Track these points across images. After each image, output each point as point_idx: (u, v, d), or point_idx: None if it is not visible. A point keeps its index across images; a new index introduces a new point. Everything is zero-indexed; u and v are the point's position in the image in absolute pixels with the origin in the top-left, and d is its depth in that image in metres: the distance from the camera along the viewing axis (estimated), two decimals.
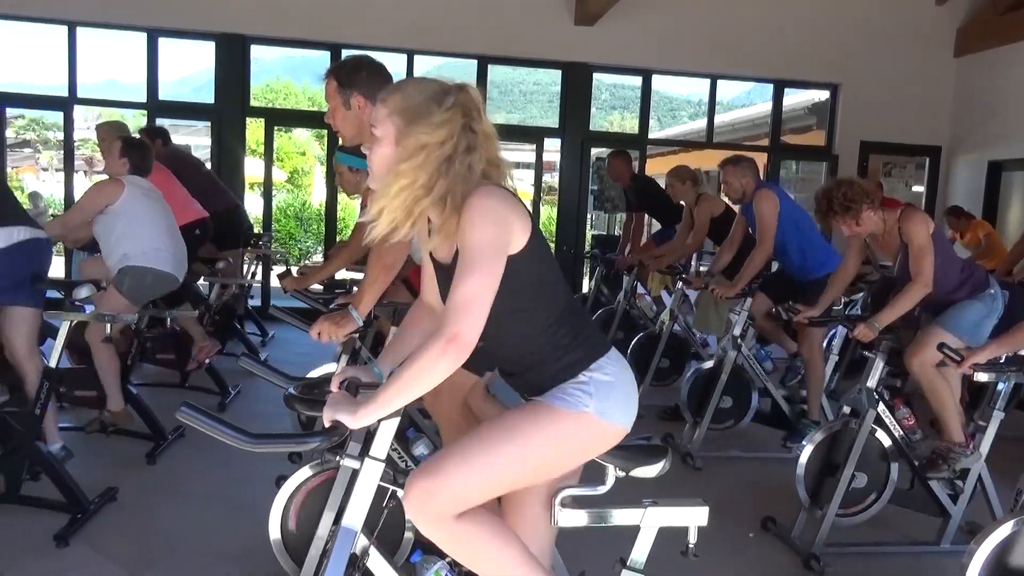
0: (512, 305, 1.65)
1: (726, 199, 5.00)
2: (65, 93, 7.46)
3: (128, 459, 3.73)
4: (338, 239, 8.73)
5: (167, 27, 7.41)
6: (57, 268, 5.52)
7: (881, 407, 3.16)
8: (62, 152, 7.96)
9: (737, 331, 4.27)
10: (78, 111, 8.41)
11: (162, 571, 2.76)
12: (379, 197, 1.60)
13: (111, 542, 2.93)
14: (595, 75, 8.26)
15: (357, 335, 2.95)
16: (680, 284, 5.03)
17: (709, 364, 4.45)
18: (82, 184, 8.76)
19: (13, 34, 7.52)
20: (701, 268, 6.77)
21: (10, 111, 8.84)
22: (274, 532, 2.41)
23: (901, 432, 3.22)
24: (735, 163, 4.52)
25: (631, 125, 8.82)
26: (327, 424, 1.55)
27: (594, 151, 8.71)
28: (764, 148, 8.65)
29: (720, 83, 8.54)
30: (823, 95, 8.69)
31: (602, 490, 1.82)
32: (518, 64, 8.51)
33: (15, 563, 2.70)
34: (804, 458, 3.25)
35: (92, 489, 3.18)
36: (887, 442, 3.23)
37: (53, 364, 3.22)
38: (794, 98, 9.08)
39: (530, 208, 1.71)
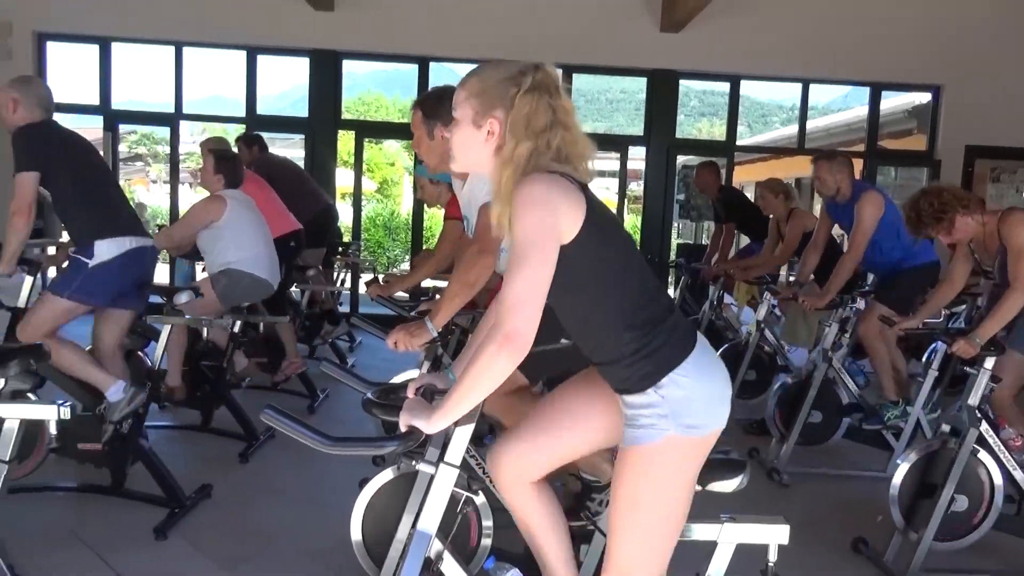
0: (571, 301, 1.65)
1: (818, 199, 4.86)
2: (172, 109, 7.91)
3: (222, 458, 3.89)
4: (424, 248, 8.90)
5: (265, 45, 7.76)
6: (161, 275, 5.82)
7: (984, 426, 2.98)
8: (169, 165, 8.43)
9: (827, 343, 4.11)
10: (184, 126, 8.91)
11: (252, 567, 2.86)
12: (500, 197, 1.60)
13: (205, 537, 3.06)
14: (682, 82, 8.15)
15: (439, 342, 3.01)
16: (767, 294, 4.89)
17: (798, 378, 4.31)
18: (187, 195, 9.27)
19: (126, 56, 7.95)
20: (790, 278, 6.57)
21: (123, 127, 9.44)
22: (355, 533, 2.47)
23: (1007, 453, 3.03)
24: (829, 159, 4.38)
25: (720, 132, 8.65)
26: (402, 429, 1.59)
27: (680, 159, 8.59)
28: (860, 153, 8.32)
29: (814, 87, 8.28)
30: (924, 97, 8.30)
31: None
32: (603, 72, 8.48)
33: (118, 552, 2.86)
34: (898, 478, 3.10)
35: (189, 485, 3.34)
36: (991, 464, 3.04)
37: (155, 365, 3.42)
38: (893, 101, 8.71)
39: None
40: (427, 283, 4.10)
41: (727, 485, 1.77)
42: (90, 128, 7.82)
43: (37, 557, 2.61)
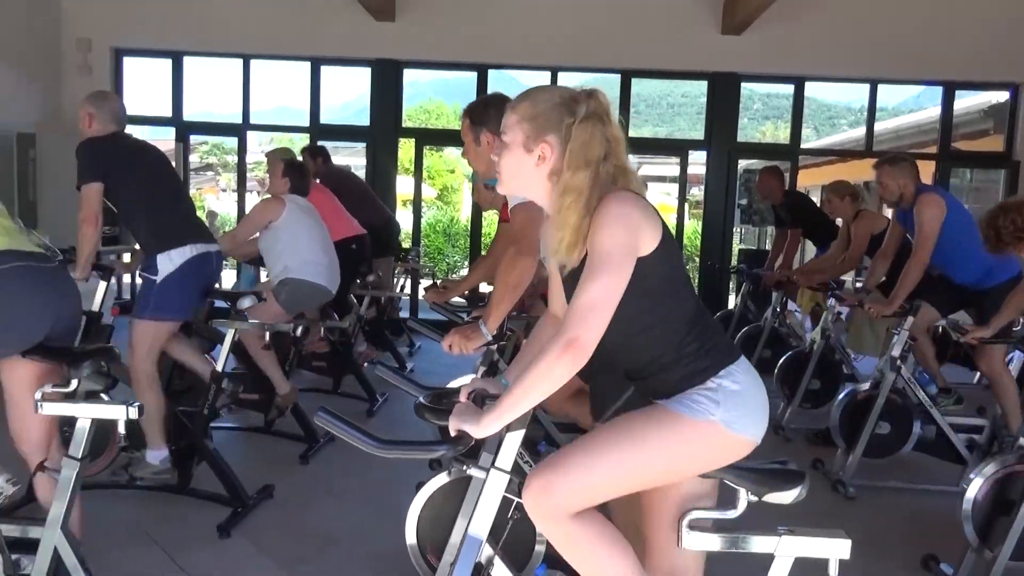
0: (640, 308, 1.65)
1: (885, 210, 4.69)
2: (239, 120, 8.16)
3: (284, 459, 3.98)
4: (482, 253, 8.95)
5: (328, 56, 7.94)
6: (226, 280, 5.99)
7: None
8: (237, 174, 8.69)
9: (896, 352, 3.97)
10: (251, 136, 9.18)
11: (311, 568, 2.92)
12: (559, 227, 1.63)
13: (267, 536, 3.13)
14: (745, 84, 8.01)
15: (495, 347, 3.01)
16: (832, 301, 4.75)
17: (864, 387, 4.17)
18: (253, 202, 9.52)
19: (197, 69, 8.23)
20: (857, 283, 6.38)
21: (195, 138, 9.79)
22: (410, 536, 2.50)
23: None
24: (892, 163, 4.22)
25: (785, 135, 8.46)
26: (453, 433, 1.59)
27: (742, 163, 8.43)
28: (932, 156, 8.03)
29: (883, 87, 8.03)
30: (1001, 96, 7.96)
31: (732, 514, 1.75)
32: (662, 76, 8.41)
33: (183, 549, 2.95)
34: (972, 492, 2.96)
35: (251, 486, 3.42)
36: None
37: (220, 368, 3.51)
38: (967, 101, 8.37)
39: (674, 222, 1.72)
40: (486, 288, 4.13)
41: (784, 496, 1.72)
42: (163, 140, 8.14)
43: (108, 552, 2.71)
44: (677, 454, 1.67)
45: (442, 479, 2.47)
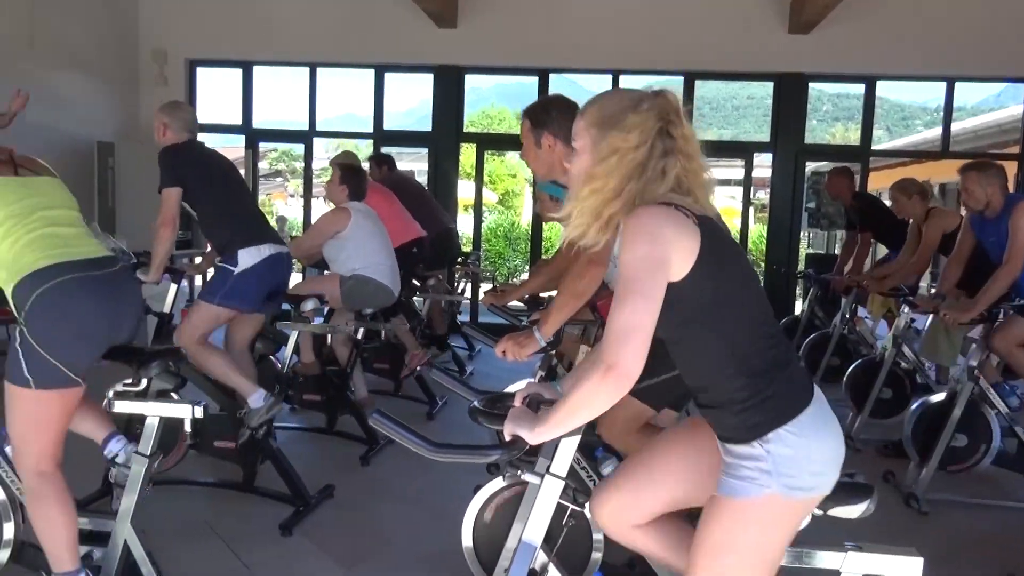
0: (677, 336, 1.58)
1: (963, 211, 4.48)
2: (306, 127, 8.36)
3: (345, 460, 4.04)
4: (543, 257, 8.93)
5: (392, 63, 8.06)
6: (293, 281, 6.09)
7: None
8: (303, 180, 8.89)
9: (974, 361, 3.79)
10: (318, 143, 9.39)
11: (369, 568, 2.95)
12: (570, 199, 1.61)
13: (327, 535, 3.18)
14: (813, 85, 7.80)
15: (553, 352, 3.00)
16: (905, 307, 4.57)
17: (940, 397, 3.99)
18: (319, 207, 9.72)
19: (267, 78, 8.47)
20: (931, 290, 6.12)
21: (265, 145, 10.07)
22: (466, 540, 2.49)
23: None
24: (980, 169, 4.02)
25: (855, 137, 8.20)
26: (506, 438, 1.58)
27: (810, 165, 8.21)
28: (1014, 156, 7.66)
29: (960, 85, 7.71)
30: None
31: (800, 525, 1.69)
32: (726, 78, 8.27)
33: (246, 545, 3.02)
34: None
35: (313, 485, 3.48)
36: None
37: (284, 369, 3.59)
38: None
39: (738, 226, 1.65)
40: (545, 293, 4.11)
41: (851, 511, 1.66)
42: (233, 147, 8.40)
43: (174, 547, 2.79)
44: (748, 540, 1.56)
45: (499, 483, 2.46)
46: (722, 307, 1.54)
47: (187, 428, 2.32)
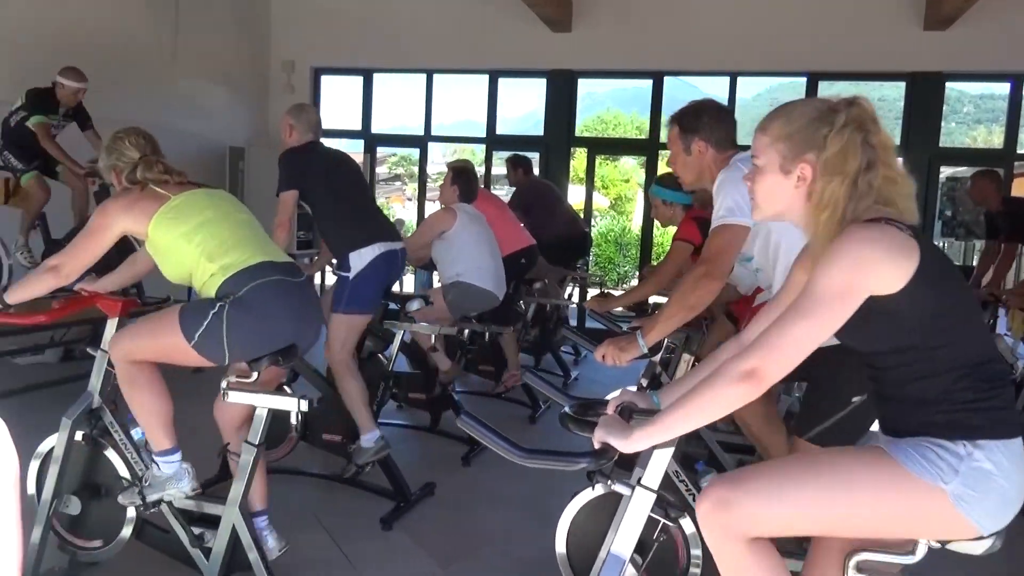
0: (900, 344, 1.49)
1: None
2: (422, 132, 8.58)
3: (447, 459, 4.09)
4: (651, 262, 8.77)
5: (506, 68, 8.15)
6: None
7: None
8: (418, 184, 9.13)
9: None
10: (435, 148, 9.62)
11: (465, 567, 2.97)
12: (817, 242, 1.53)
13: (426, 532, 3.23)
14: (951, 85, 7.31)
15: (658, 359, 2.93)
16: None
17: None
18: (433, 211, 9.98)
19: (386, 85, 8.75)
20: None
21: (384, 150, 10.41)
22: (560, 546, 2.47)
23: None
24: None
25: (999, 140, 7.60)
26: (596, 446, 1.55)
27: (945, 170, 7.67)
28: None
29: None
30: None
31: (910, 560, 1.56)
32: (853, 78, 7.83)
33: (348, 538, 3.11)
34: None
35: (415, 482, 3.55)
36: None
37: (391, 367, 3.68)
38: None
39: None
40: (653, 299, 4.04)
41: (975, 546, 1.52)
42: (353, 152, 8.73)
43: (281, 533, 2.90)
44: (885, 512, 1.48)
45: (596, 490, 2.42)
46: (944, 319, 1.48)
47: (293, 420, 2.40)
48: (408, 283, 9.64)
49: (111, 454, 2.58)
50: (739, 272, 2.60)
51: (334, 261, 3.66)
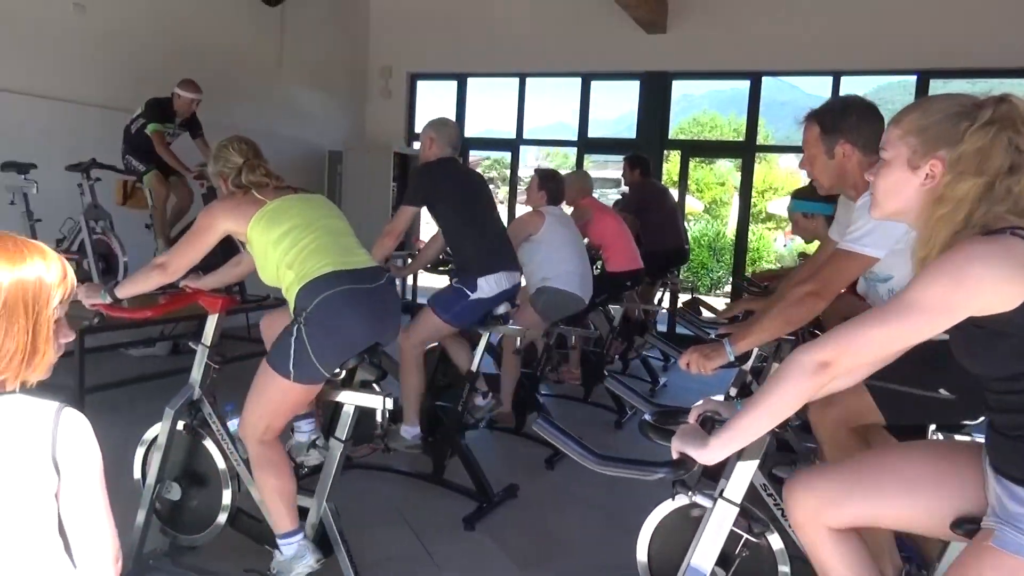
0: (1011, 370, 1.37)
1: None
2: (513, 136, 8.63)
3: (530, 462, 4.09)
4: (749, 271, 8.55)
5: (599, 71, 8.10)
6: None
7: None
8: (509, 187, 9.20)
9: None
10: (527, 151, 9.67)
11: (545, 571, 2.96)
12: (924, 236, 1.43)
13: (507, 534, 3.24)
14: None
15: (748, 368, 2.84)
16: None
17: None
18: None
19: (479, 89, 8.86)
20: None
21: (478, 154, 10.55)
22: (641, 555, 2.42)
23: None
24: None
25: None
26: (674, 456, 1.51)
27: None
28: None
29: None
30: None
31: None
32: (971, 76, 7.36)
33: (431, 535, 3.15)
34: None
35: (498, 483, 3.57)
36: None
37: (474, 368, 3.71)
38: None
39: None
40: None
41: None
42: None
43: (365, 528, 2.98)
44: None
45: (680, 500, 2.37)
46: None
47: (378, 418, 2.46)
48: None
49: (209, 444, 2.70)
50: (873, 292, 2.42)
51: (455, 279, 3.67)
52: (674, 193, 8.78)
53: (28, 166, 4.71)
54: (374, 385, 2.83)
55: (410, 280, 8.41)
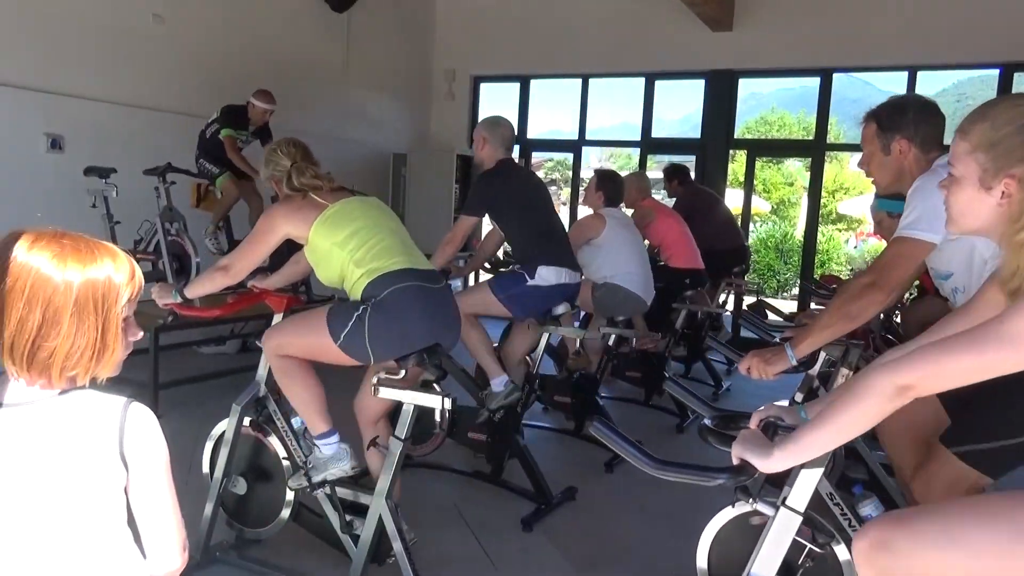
0: None
1: None
2: (576, 137, 8.60)
3: (589, 464, 4.06)
4: (817, 272, 8.32)
5: (664, 70, 8.01)
6: None
7: None
8: (570, 188, 9.16)
9: None
10: (588, 152, 9.62)
11: (603, 574, 2.94)
12: (1008, 263, 1.36)
13: (565, 536, 3.22)
14: None
15: (815, 373, 2.76)
16: None
17: None
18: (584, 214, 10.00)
19: (541, 89, 8.85)
20: None
21: (541, 155, 10.52)
22: (700, 561, 2.38)
23: None
24: None
25: None
26: (734, 462, 1.48)
27: None
28: None
29: None
30: None
31: None
32: None
33: (489, 535, 3.16)
34: None
35: (556, 485, 3.55)
36: None
37: (534, 370, 3.72)
38: None
39: None
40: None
41: None
42: None
43: (424, 525, 3.00)
44: None
45: (741, 507, 2.32)
46: None
47: (437, 418, 2.48)
48: None
49: (274, 440, 2.77)
50: (941, 289, 2.33)
51: (516, 265, 3.68)
52: (738, 194, 8.64)
53: (109, 170, 4.93)
54: (434, 386, 2.87)
55: (471, 280, 8.47)
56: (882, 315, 4.04)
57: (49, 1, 5.08)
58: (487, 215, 3.72)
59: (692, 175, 7.35)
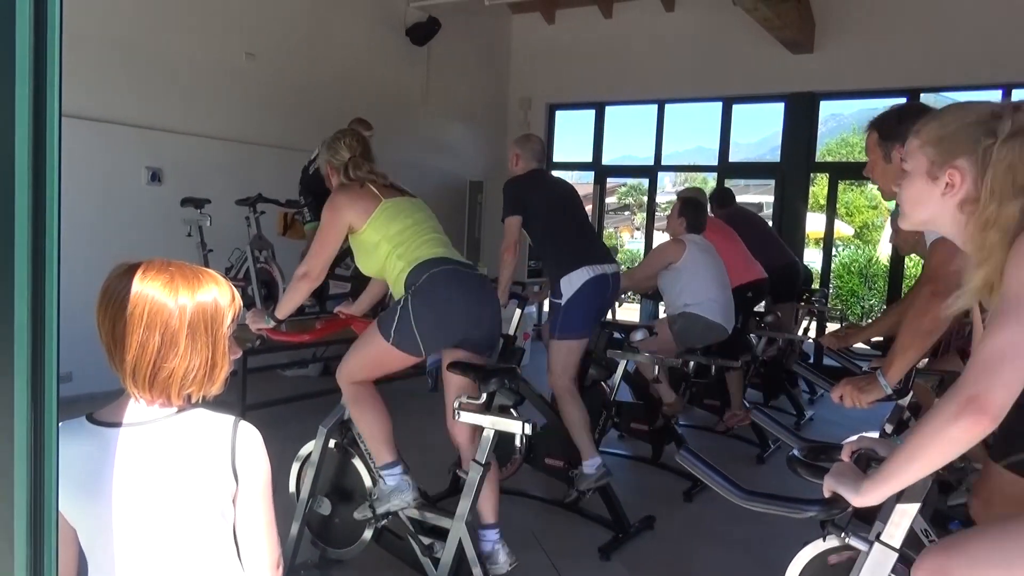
0: None
1: None
2: (651, 162, 8.57)
3: (668, 493, 4.00)
4: (902, 296, 7.99)
5: (741, 94, 7.92)
6: (630, 314, 6.21)
7: None
8: (646, 213, 9.12)
9: None
10: (665, 178, 9.57)
11: None
12: (979, 261, 1.38)
13: (643, 566, 3.18)
14: None
15: (905, 403, 2.66)
16: None
17: None
18: (661, 240, 9.91)
19: (616, 114, 8.87)
20: None
21: (615, 180, 10.53)
22: None
23: None
24: None
25: None
26: (826, 494, 1.44)
27: None
28: None
29: None
30: None
31: None
32: None
33: (565, 562, 3.14)
34: None
35: (634, 514, 3.52)
36: None
37: (612, 396, 3.69)
38: None
39: None
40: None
41: None
42: (584, 183, 8.94)
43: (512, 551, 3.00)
44: None
45: (830, 542, 2.24)
46: None
47: (517, 443, 2.49)
48: (634, 313, 9.61)
49: (357, 462, 2.84)
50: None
51: (551, 296, 3.72)
52: (820, 218, 8.41)
53: (203, 201, 5.18)
54: (512, 410, 2.89)
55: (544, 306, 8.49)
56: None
57: (150, 44, 5.42)
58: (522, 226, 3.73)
59: (772, 198, 7.18)
